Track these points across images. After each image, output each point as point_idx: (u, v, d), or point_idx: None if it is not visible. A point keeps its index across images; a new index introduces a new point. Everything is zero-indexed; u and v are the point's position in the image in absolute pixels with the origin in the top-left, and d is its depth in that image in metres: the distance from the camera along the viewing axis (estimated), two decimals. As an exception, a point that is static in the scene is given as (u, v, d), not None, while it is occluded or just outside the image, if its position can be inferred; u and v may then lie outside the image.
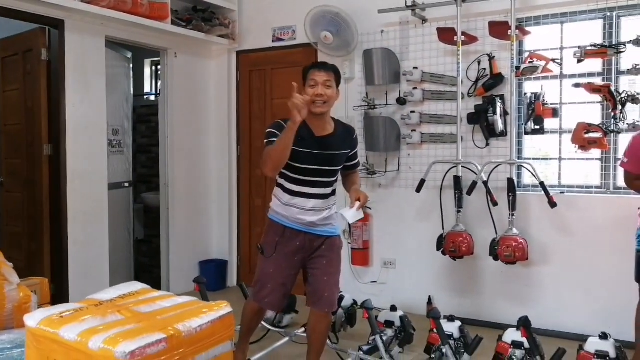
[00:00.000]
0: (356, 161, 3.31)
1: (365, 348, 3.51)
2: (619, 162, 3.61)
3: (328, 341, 3.65)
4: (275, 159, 2.93)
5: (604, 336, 3.23)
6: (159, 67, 6.68)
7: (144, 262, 5.95)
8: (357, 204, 2.96)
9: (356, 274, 4.87)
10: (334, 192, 3.18)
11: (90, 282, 4.48)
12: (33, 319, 1.70)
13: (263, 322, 3.97)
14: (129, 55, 5.37)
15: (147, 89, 6.87)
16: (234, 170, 5.60)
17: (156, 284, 5.24)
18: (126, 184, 5.28)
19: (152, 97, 6.77)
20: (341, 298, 4.02)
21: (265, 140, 3.01)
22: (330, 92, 3.01)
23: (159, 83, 6.73)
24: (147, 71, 6.86)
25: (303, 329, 3.85)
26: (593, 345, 3.22)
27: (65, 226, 4.39)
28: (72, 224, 4.40)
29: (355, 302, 4.08)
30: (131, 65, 5.49)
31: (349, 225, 4.72)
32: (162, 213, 5.34)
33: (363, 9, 4.75)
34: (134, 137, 5.49)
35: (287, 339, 3.85)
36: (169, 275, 5.32)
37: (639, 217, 3.35)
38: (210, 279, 4.03)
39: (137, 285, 1.99)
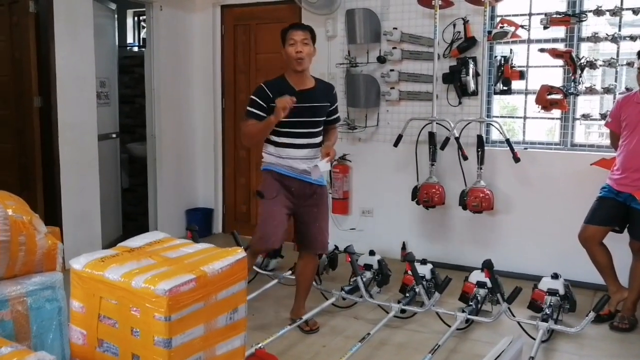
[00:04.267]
0: (336, 116, 3.58)
1: (347, 288, 3.87)
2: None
3: (313, 282, 4.00)
4: (251, 141, 3.51)
5: (555, 276, 3.66)
6: (141, 18, 6.73)
7: (129, 210, 6.16)
8: (327, 157, 3.31)
9: (336, 221, 5.15)
10: (322, 143, 3.45)
11: (83, 229, 4.69)
12: (79, 263, 1.98)
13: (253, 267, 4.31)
14: (114, 7, 5.44)
15: (130, 40, 6.93)
16: (219, 123, 5.75)
17: (143, 231, 5.43)
18: (113, 135, 5.44)
19: (135, 48, 6.83)
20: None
21: (247, 108, 3.33)
22: (307, 49, 3.30)
23: (142, 34, 6.79)
24: (129, 22, 6.90)
25: (290, 272, 4.17)
26: (546, 284, 3.66)
27: (58, 176, 4.52)
28: (64, 173, 4.53)
29: (336, 248, 4.41)
30: (116, 17, 5.56)
31: (330, 176, 5.03)
32: (150, 163, 5.53)
33: (346, -31, 4.88)
34: (118, 88, 5.61)
35: (275, 281, 4.12)
36: (157, 223, 5.55)
37: (609, 176, 3.71)
38: (197, 226, 4.33)
39: (159, 235, 2.28)
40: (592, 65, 4.13)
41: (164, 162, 5.53)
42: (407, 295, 3.77)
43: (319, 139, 3.44)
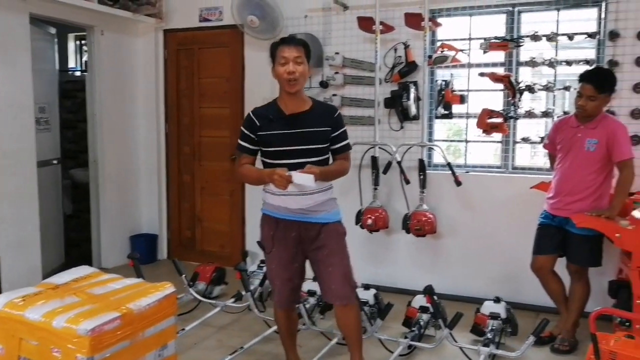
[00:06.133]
0: (342, 144, 3.04)
1: (290, 315, 3.84)
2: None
3: (256, 310, 3.89)
4: (244, 181, 3.12)
5: (497, 300, 3.71)
6: (83, 41, 6.61)
7: (73, 236, 5.99)
8: (307, 172, 2.74)
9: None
10: None
11: (21, 259, 4.54)
12: (-2, 303, 1.92)
13: (194, 294, 4.21)
14: (53, 31, 5.32)
15: (71, 64, 6.79)
16: (163, 147, 5.69)
17: (87, 259, 5.35)
18: (54, 161, 5.29)
19: (78, 73, 6.69)
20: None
21: (239, 141, 2.99)
22: (301, 68, 2.86)
23: (84, 58, 6.66)
24: (71, 46, 6.77)
25: (234, 299, 4.10)
26: (488, 307, 3.70)
27: (-5, 206, 4.38)
28: (1, 203, 4.38)
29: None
30: (56, 41, 5.44)
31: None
32: (92, 190, 5.41)
33: (288, -6, 4.92)
34: (59, 113, 5.47)
35: (218, 309, 4.03)
36: (100, 250, 5.43)
37: (545, 200, 3.78)
38: (141, 253, 4.25)
39: (87, 270, 2.21)
40: (530, 89, 4.24)
41: (107, 187, 5.42)
42: (350, 321, 3.75)
43: None
